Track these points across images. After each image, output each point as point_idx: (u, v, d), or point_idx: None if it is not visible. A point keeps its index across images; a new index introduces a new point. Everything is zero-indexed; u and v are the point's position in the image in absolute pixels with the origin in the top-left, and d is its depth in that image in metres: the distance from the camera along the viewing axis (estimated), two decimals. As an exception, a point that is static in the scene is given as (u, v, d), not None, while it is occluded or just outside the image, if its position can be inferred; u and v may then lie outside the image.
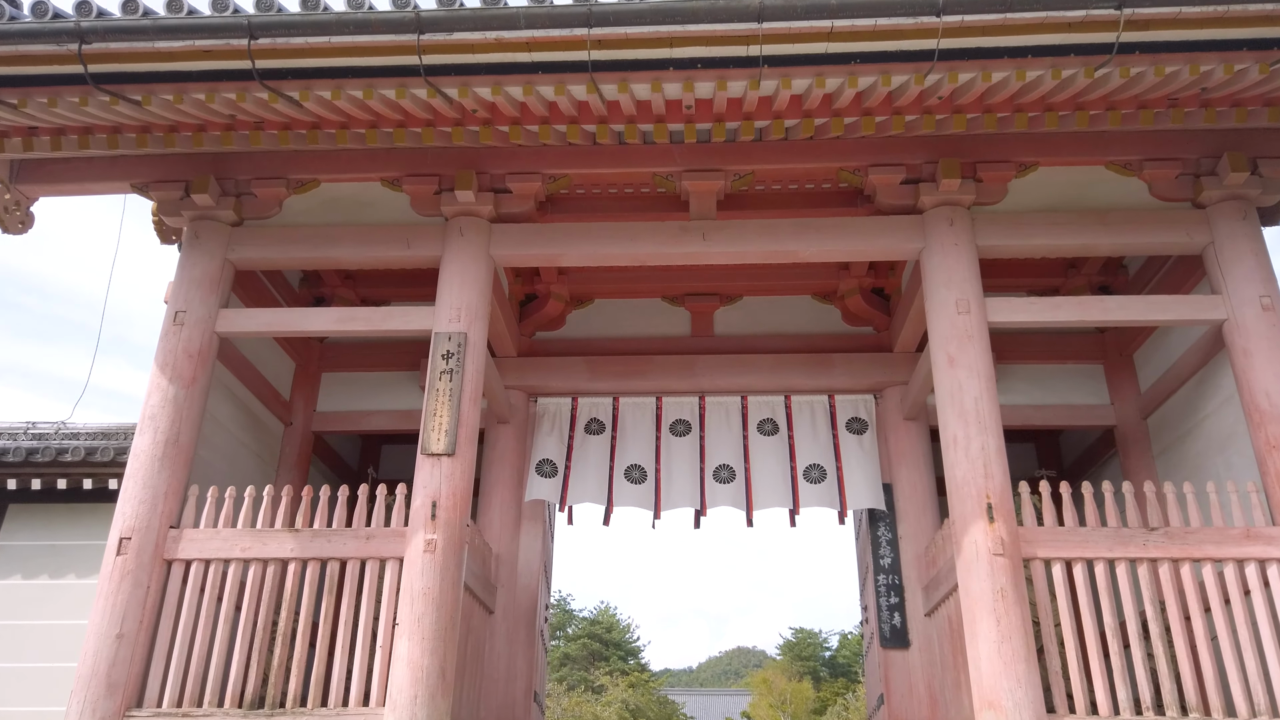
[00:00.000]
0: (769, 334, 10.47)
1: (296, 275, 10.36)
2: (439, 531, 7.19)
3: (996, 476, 7.20)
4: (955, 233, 8.03)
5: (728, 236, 8.32)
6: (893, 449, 9.70)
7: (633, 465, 9.78)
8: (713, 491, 9.53)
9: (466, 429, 7.62)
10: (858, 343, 10.33)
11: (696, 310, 10.64)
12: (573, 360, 10.19)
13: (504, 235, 8.43)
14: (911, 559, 9.18)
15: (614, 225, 8.46)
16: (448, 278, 8.16)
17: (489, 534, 9.46)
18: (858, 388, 9.99)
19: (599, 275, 10.43)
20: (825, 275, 10.26)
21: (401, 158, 8.47)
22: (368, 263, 8.53)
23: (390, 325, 8.18)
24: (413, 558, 7.15)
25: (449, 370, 7.74)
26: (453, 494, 7.36)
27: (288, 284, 10.16)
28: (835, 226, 8.33)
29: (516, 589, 9.39)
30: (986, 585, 6.85)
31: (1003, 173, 8.18)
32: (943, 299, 7.83)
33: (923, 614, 8.95)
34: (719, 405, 10.03)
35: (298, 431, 10.14)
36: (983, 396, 7.45)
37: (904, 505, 9.41)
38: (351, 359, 10.53)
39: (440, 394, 7.66)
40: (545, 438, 9.97)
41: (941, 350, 7.71)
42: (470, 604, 8.26)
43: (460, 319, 7.94)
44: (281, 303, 9.76)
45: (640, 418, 10.05)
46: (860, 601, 10.55)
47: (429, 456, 7.48)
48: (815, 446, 9.71)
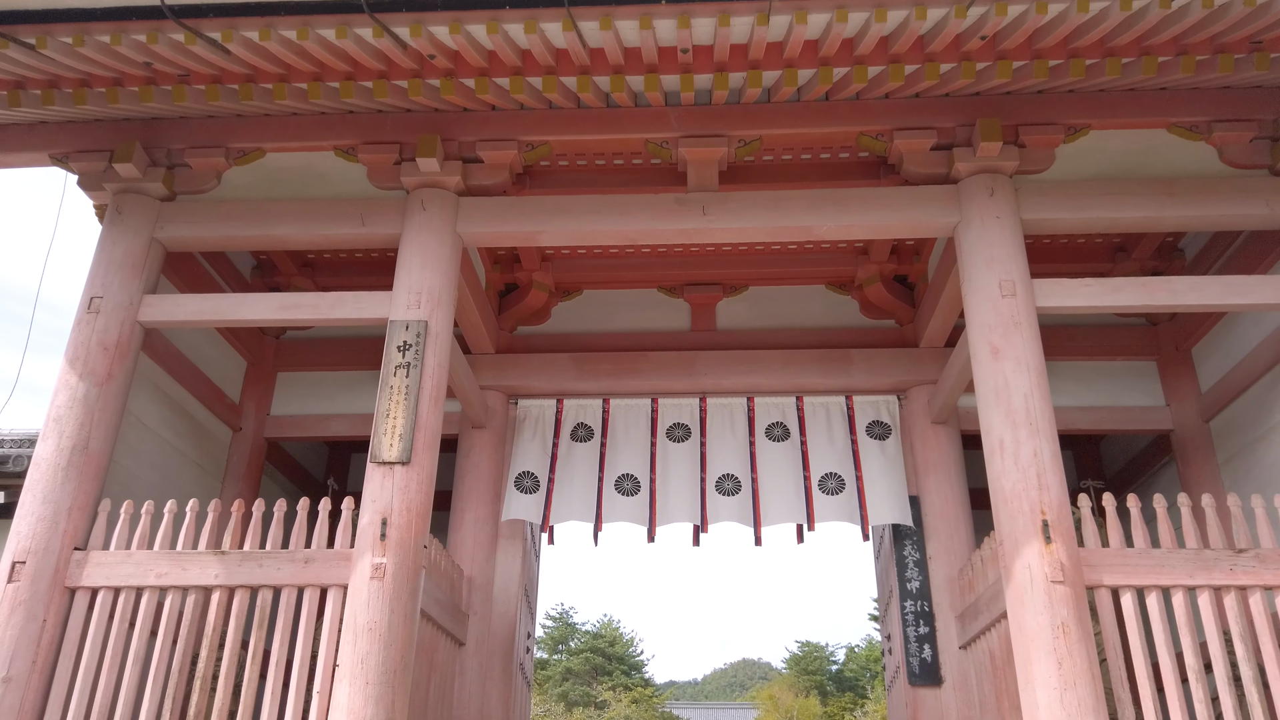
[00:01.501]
0: (778, 328, 9.33)
1: (248, 263, 9.26)
2: (389, 554, 6.05)
3: (1052, 488, 6.05)
4: (997, 204, 6.90)
5: (731, 210, 7.19)
6: (919, 457, 8.54)
7: (624, 475, 8.64)
8: (715, 505, 8.38)
9: (425, 433, 6.49)
10: (878, 338, 9.19)
11: (697, 302, 9.50)
12: (558, 358, 9.06)
13: (473, 210, 7.31)
14: (943, 582, 8.01)
15: (601, 198, 7.34)
16: (407, 258, 7.04)
17: (460, 554, 8.32)
18: (879, 388, 8.83)
19: (587, 262, 9.31)
20: (842, 261, 9.12)
21: (358, 124, 7.39)
22: (316, 242, 7.42)
23: (340, 313, 7.05)
24: (357, 585, 6.01)
25: (406, 364, 6.61)
26: (407, 509, 6.22)
27: (237, 273, 9.05)
28: (856, 198, 7.19)
29: (492, 617, 8.24)
30: (1044, 619, 5.68)
31: (1049, 136, 7.05)
32: (983, 280, 6.69)
33: (957, 646, 7.77)
34: (722, 407, 8.88)
35: (247, 438, 9.01)
36: (1033, 393, 6.30)
37: (933, 521, 8.25)
38: (311, 356, 9.41)
39: (395, 392, 6.53)
40: (526, 446, 8.83)
41: (983, 340, 6.57)
42: (433, 636, 7.11)
43: (420, 305, 6.82)
44: (226, 291, 8.65)
45: (633, 422, 8.91)
46: (881, 629, 9.37)
47: (380, 465, 6.35)
48: (831, 454, 8.55)
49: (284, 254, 8.91)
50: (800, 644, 56.10)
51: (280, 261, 9.03)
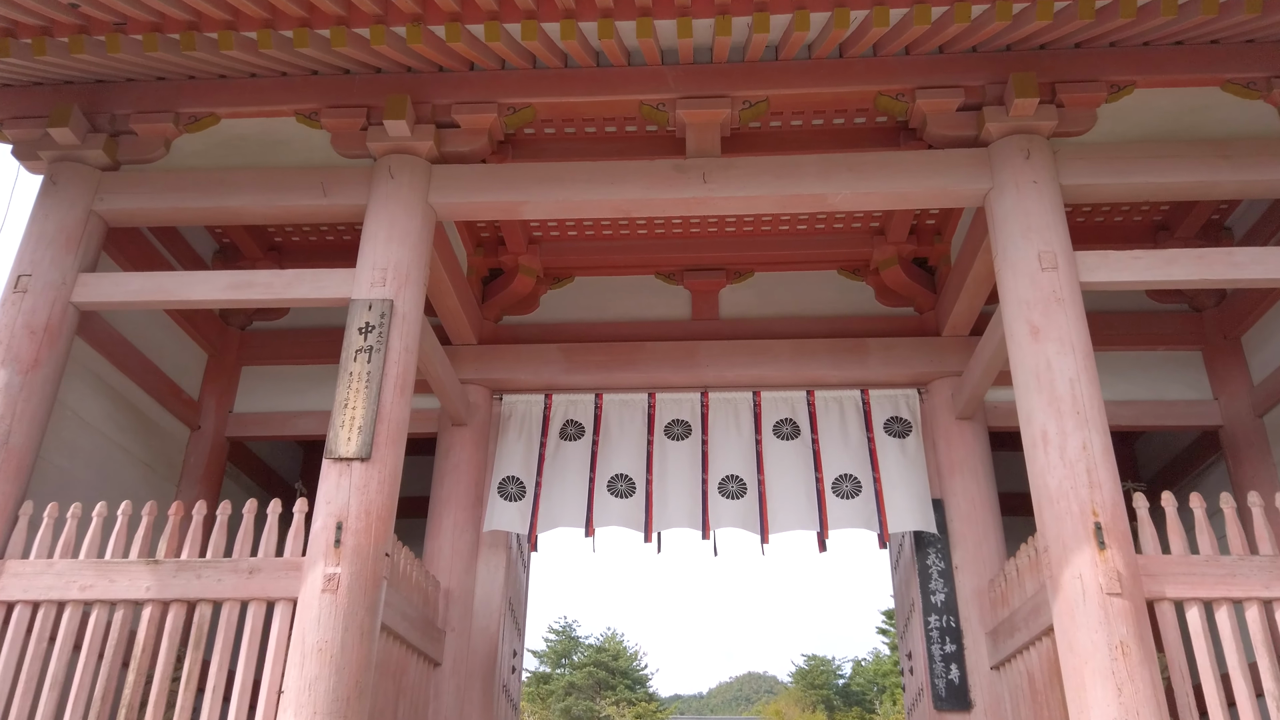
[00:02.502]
0: (787, 316, 8.56)
1: (209, 247, 8.52)
2: (345, 563, 5.28)
3: (1105, 486, 5.27)
4: (1033, 168, 6.14)
5: (735, 177, 6.43)
6: (943, 456, 7.75)
7: (618, 475, 7.85)
8: (718, 509, 7.59)
9: (389, 426, 5.72)
10: (896, 326, 8.41)
11: (698, 289, 8.74)
12: (546, 349, 8.29)
13: (448, 179, 6.57)
14: (971, 595, 7.21)
15: (591, 165, 6.59)
16: (372, 230, 6.30)
17: (437, 564, 7.54)
18: (898, 380, 8.05)
19: (578, 244, 8.56)
20: (856, 242, 8.36)
21: (321, 86, 6.68)
22: (274, 215, 6.67)
23: (297, 293, 6.30)
24: (307, 599, 5.24)
25: (367, 348, 5.85)
26: (366, 511, 5.45)
27: (197, 258, 8.32)
28: (874, 163, 6.43)
29: (471, 633, 7.45)
30: (1100, 637, 4.89)
31: (1090, 94, 6.31)
32: (1020, 252, 5.93)
33: (988, 666, 6.97)
34: (726, 402, 8.11)
35: (207, 437, 8.24)
36: (1080, 377, 5.52)
37: (959, 527, 7.45)
38: (279, 348, 8.65)
39: (355, 379, 5.77)
40: (511, 447, 8.05)
41: (1021, 319, 5.79)
42: (402, 656, 6.33)
43: (386, 282, 6.06)
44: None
45: (628, 418, 8.13)
46: (900, 646, 8.56)
47: (336, 462, 5.59)
48: (846, 453, 7.76)
49: (248, 236, 8.18)
50: (806, 657, 55.38)
51: (244, 244, 8.29)
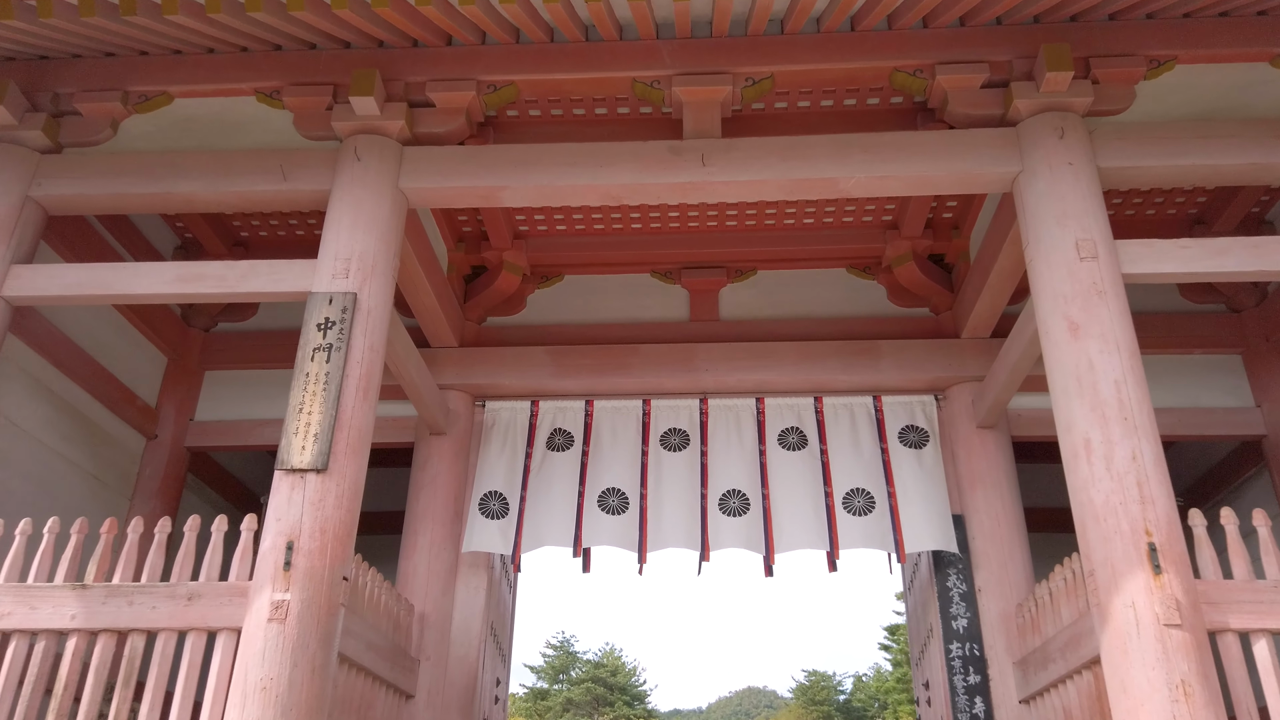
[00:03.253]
0: (792, 318, 7.94)
1: (171, 242, 7.91)
2: (295, 588, 4.65)
3: (1159, 501, 4.64)
4: (1068, 148, 5.54)
5: (736, 160, 5.83)
6: (963, 468, 7.13)
7: (610, 490, 7.22)
8: (718, 528, 6.95)
9: (351, 433, 5.10)
10: (910, 328, 7.79)
11: (697, 288, 8.13)
12: (533, 351, 7.67)
13: (420, 162, 5.97)
14: (996, 621, 6.57)
15: (577, 147, 5.99)
16: (336, 217, 5.69)
17: (411, 586, 6.90)
18: (913, 386, 7.44)
19: (567, 240, 7.95)
20: (867, 237, 7.75)
21: (284, 63, 6.11)
22: (228, 202, 6.06)
23: (253, 286, 5.68)
24: (252, 630, 4.60)
25: (326, 346, 5.23)
26: (321, 530, 4.82)
27: (156, 254, 7.70)
28: (891, 144, 5.83)
29: (448, 662, 6.79)
30: (1158, 675, 4.25)
31: (1128, 69, 5.72)
32: (1055, 241, 5.32)
33: (1016, 700, 6.32)
34: (727, 410, 7.49)
35: (164, 447, 7.61)
36: (1127, 379, 4.91)
37: (982, 545, 6.82)
38: (245, 352, 8.03)
39: (312, 381, 5.15)
40: (494, 458, 7.42)
41: (1057, 315, 5.18)
42: (368, 690, 5.68)
43: (349, 273, 5.45)
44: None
45: (621, 427, 7.51)
46: (915, 674, 7.91)
47: (289, 474, 4.96)
48: (858, 465, 7.14)
49: (210, 231, 7.57)
50: (807, 673, 54.80)
51: (207, 239, 7.68)
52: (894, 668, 47.34)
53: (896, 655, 46.99)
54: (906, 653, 45.75)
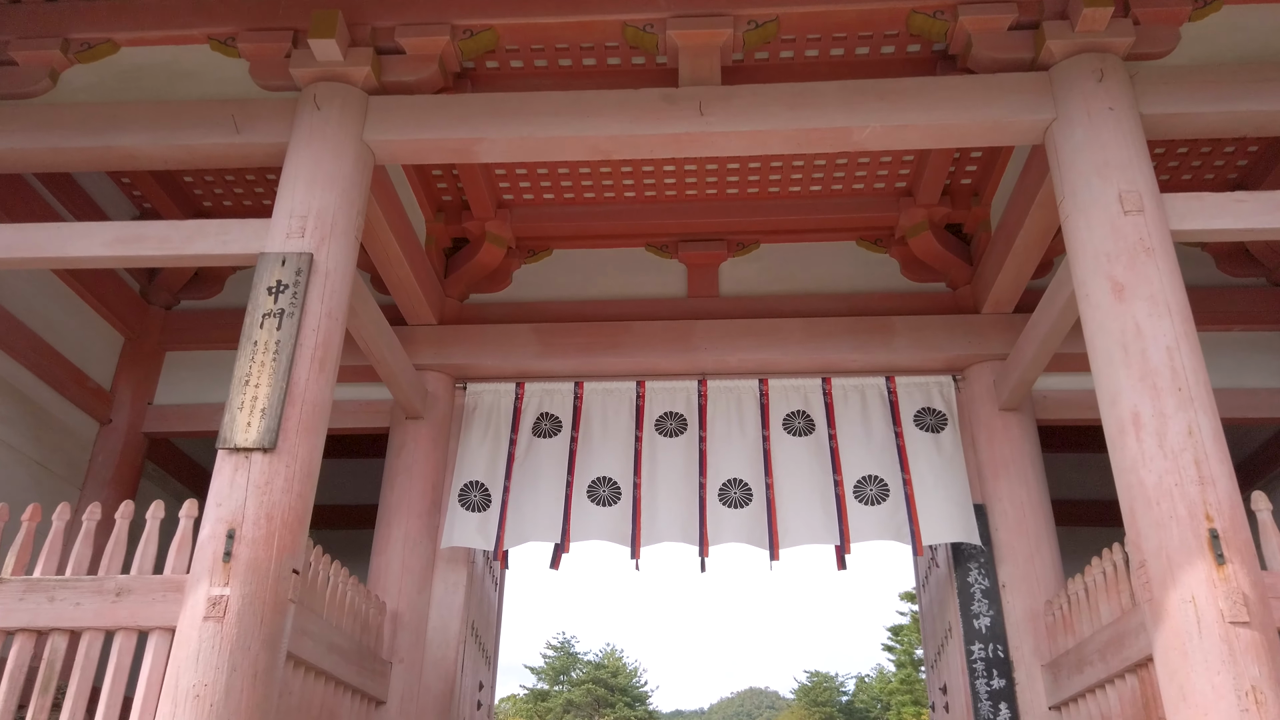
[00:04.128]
0: (797, 293, 7.37)
1: (129, 211, 7.33)
2: (236, 582, 4.08)
3: (1220, 482, 4.07)
4: (1108, 92, 4.97)
5: (738, 109, 5.27)
6: (984, 454, 6.56)
7: (600, 479, 6.65)
8: (719, 520, 6.38)
9: (304, 410, 4.53)
10: (924, 304, 7.22)
11: (695, 262, 7.56)
12: (518, 330, 7.11)
13: (387, 112, 5.40)
14: (1022, 619, 6.00)
15: (562, 95, 5.42)
16: (292, 172, 5.13)
17: (384, 582, 6.33)
18: (929, 365, 6.87)
19: (555, 211, 7.38)
20: (879, 205, 7.18)
21: (241, 8, 5.57)
22: (175, 157, 5.48)
23: (200, 248, 5.11)
24: (186, 630, 4.04)
25: (277, 312, 4.67)
26: (267, 517, 4.25)
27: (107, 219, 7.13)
28: (909, 91, 5.26)
29: (423, 665, 6.23)
30: (1224, 681, 3.68)
31: (1172, 8, 5.16)
32: (1096, 195, 4.75)
33: (1046, 706, 5.75)
34: (727, 392, 6.92)
35: (119, 432, 7.04)
36: (1180, 345, 4.34)
37: (1007, 538, 6.25)
38: (209, 330, 7.45)
39: (261, 350, 4.59)
40: (476, 447, 6.85)
41: (1099, 276, 4.61)
42: (329, 697, 5.12)
43: (305, 232, 4.89)
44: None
45: (613, 411, 6.94)
46: (931, 679, 7.34)
47: (232, 453, 4.39)
48: (870, 451, 6.57)
49: (168, 198, 6.98)
50: (809, 674, 54.48)
51: (166, 209, 7.10)
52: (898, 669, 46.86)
53: (900, 656, 46.50)
54: (911, 654, 45.17)
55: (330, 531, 9.11)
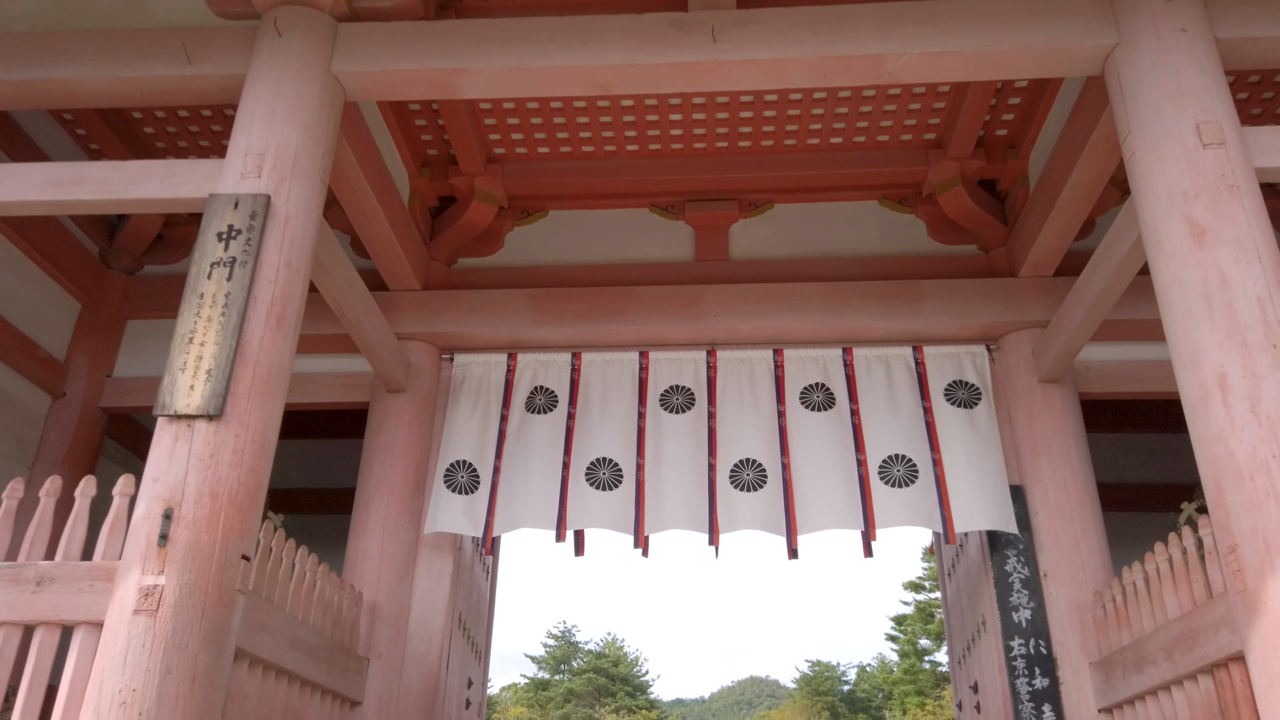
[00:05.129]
0: (815, 256, 6.76)
1: (75, 155, 6.68)
2: (173, 570, 3.49)
3: (1326, 454, 3.46)
4: (1179, 12, 4.34)
5: (756, 35, 4.64)
6: (1022, 431, 5.96)
7: (600, 460, 6.06)
8: (730, 505, 5.79)
9: (259, 373, 3.93)
10: (954, 268, 6.62)
11: (703, 223, 6.94)
12: (510, 295, 6.50)
13: (360, 40, 4.78)
14: (1067, 612, 5.41)
15: (555, 20, 4.78)
16: (249, 106, 4.51)
17: (361, 571, 5.75)
18: (961, 334, 6.27)
19: (551, 166, 6.76)
20: (906, 160, 6.57)
21: (195, -74, 4.90)
22: (120, 93, 4.87)
23: (145, 191, 4.50)
24: (114, 626, 3.45)
25: (228, 261, 4.06)
26: (211, 494, 3.66)
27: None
28: (951, 13, 4.62)
29: (404, 662, 5.65)
30: (1340, 690, 3.08)
31: (1247, -80, 4.51)
32: (1168, 126, 4.13)
33: (1095, 709, 5.17)
34: (739, 364, 6.32)
35: (75, 406, 6.45)
36: (1273, 295, 3.74)
37: (1047, 522, 5.66)
38: (175, 297, 6.58)
39: (207, 303, 3.98)
40: (463, 423, 6.26)
41: (1174, 218, 3.99)
42: (295, 699, 4.54)
43: (262, 172, 4.28)
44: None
45: (614, 384, 6.34)
46: (958, 676, 6.75)
47: (172, 421, 3.80)
48: (896, 427, 5.97)
49: (124, 147, 6.35)
50: (811, 663, 54.24)
51: (114, 151, 6.44)
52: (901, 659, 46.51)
53: (904, 646, 46.13)
54: (915, 644, 44.74)
55: (311, 517, 8.55)
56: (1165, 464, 7.98)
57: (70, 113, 6.18)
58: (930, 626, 43.96)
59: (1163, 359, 6.03)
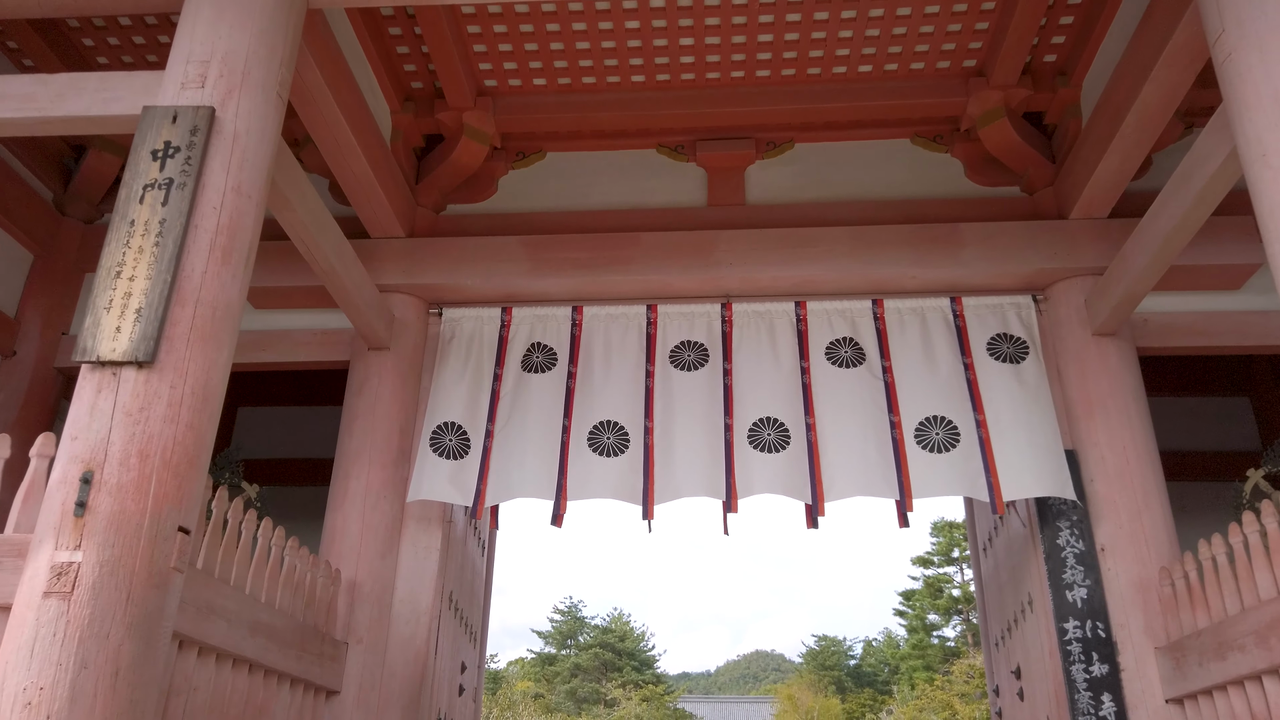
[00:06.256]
0: (840, 200, 6.13)
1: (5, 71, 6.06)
2: (91, 544, 2.91)
3: None
4: (1284, -114, 3.68)
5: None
6: (1074, 390, 5.35)
7: (604, 424, 5.47)
8: (749, 467, 5.19)
9: (200, 314, 3.34)
10: (994, 212, 5.97)
11: (716, 165, 6.30)
12: (504, 242, 5.89)
13: (324, -64, 4.14)
14: (1128, 590, 4.83)
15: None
16: (194, 6, 3.89)
17: (339, 546, 5.19)
18: (1004, 283, 5.64)
19: (548, 101, 6.11)
20: (941, 91, 5.91)
21: None
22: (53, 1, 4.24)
23: (74, 108, 3.88)
24: (20, 612, 2.88)
25: (164, 183, 3.45)
26: (139, 454, 3.07)
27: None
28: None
29: (388, 646, 5.09)
30: None
31: None
32: (1273, 17, 3.48)
33: (1162, 699, 4.59)
34: (757, 317, 5.71)
35: (26, 366, 5.87)
36: None
37: (1105, 490, 5.06)
38: (136, 250, 6.22)
39: (139, 232, 3.38)
40: (452, 383, 5.66)
41: (1282, 125, 3.35)
42: (254, 690, 3.98)
43: (206, 82, 3.66)
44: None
45: (619, 340, 5.74)
46: (995, 660, 6.18)
47: (95, 369, 3.21)
48: (933, 386, 5.36)
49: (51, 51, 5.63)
50: (817, 638, 54.18)
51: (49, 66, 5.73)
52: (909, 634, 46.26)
53: (912, 621, 45.85)
54: (923, 619, 44.43)
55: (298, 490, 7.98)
56: (1222, 429, 7.36)
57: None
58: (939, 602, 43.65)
59: (1230, 309, 5.45)
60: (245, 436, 8.21)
